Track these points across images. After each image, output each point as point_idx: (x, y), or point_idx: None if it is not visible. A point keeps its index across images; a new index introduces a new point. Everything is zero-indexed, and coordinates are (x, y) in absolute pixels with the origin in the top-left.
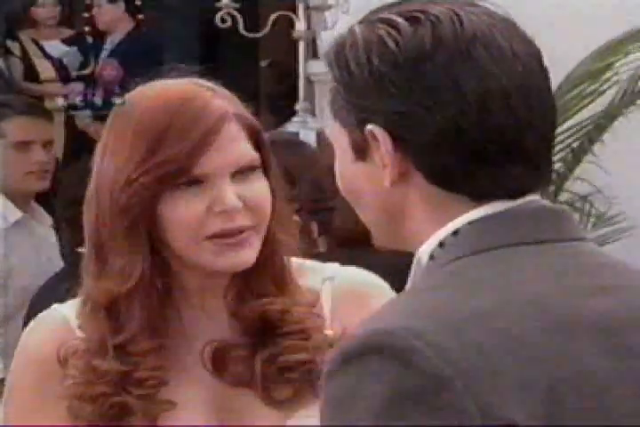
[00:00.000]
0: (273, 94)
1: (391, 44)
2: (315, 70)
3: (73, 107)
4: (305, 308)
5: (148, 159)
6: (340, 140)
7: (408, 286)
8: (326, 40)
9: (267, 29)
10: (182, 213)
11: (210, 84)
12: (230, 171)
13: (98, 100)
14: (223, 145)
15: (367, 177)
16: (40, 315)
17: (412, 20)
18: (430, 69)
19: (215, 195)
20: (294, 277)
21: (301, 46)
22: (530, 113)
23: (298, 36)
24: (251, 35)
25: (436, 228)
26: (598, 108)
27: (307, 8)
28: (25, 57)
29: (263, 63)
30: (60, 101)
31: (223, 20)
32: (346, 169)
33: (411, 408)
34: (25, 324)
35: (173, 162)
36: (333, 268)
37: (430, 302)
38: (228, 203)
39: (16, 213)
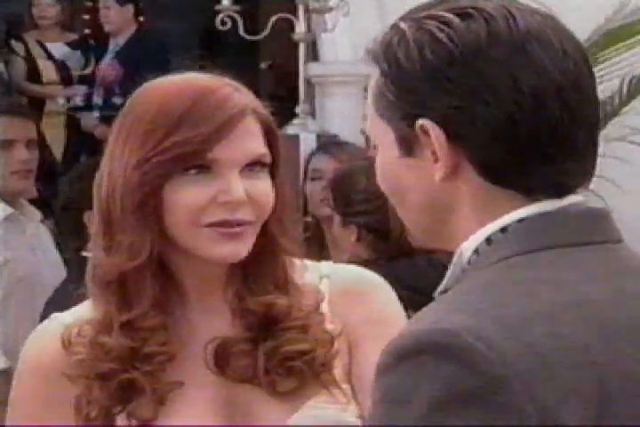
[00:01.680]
0: (273, 96)
1: (445, 39)
2: (315, 72)
3: (74, 108)
4: (308, 306)
5: (166, 139)
6: (383, 136)
7: (447, 281)
8: (326, 42)
9: (267, 32)
10: (186, 199)
11: (230, 80)
12: (241, 163)
13: (98, 101)
14: (240, 136)
15: (414, 173)
16: (40, 325)
17: (464, 15)
18: (486, 65)
19: (222, 185)
20: (296, 282)
21: (301, 48)
22: (581, 110)
23: (298, 39)
24: (251, 37)
25: (483, 224)
26: None
27: (306, 10)
28: (29, 58)
29: (263, 65)
30: (61, 101)
31: (223, 23)
32: (390, 165)
33: (468, 408)
34: None
35: (191, 144)
36: (329, 266)
37: (486, 300)
38: (234, 194)
39: (5, 209)
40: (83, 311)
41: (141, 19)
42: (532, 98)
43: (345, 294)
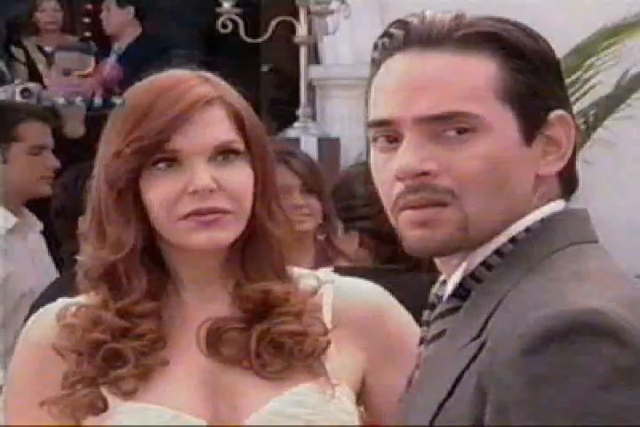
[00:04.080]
0: (274, 100)
1: (542, 44)
2: (316, 75)
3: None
4: (304, 294)
5: (130, 134)
6: (500, 122)
7: (454, 285)
8: (327, 45)
9: (268, 34)
10: (159, 192)
11: (208, 74)
12: (206, 152)
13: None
14: (199, 125)
15: (527, 163)
16: (45, 306)
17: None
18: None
19: (189, 175)
20: (293, 274)
21: (302, 51)
22: None
23: (299, 42)
24: (252, 40)
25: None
26: None
27: (308, 13)
28: (29, 63)
29: (264, 68)
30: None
31: (224, 26)
32: (506, 152)
33: (631, 384)
34: None
35: (149, 137)
36: (329, 274)
37: (592, 287)
38: (199, 183)
39: (12, 220)
40: (83, 299)
41: (142, 21)
42: None
43: (351, 299)
